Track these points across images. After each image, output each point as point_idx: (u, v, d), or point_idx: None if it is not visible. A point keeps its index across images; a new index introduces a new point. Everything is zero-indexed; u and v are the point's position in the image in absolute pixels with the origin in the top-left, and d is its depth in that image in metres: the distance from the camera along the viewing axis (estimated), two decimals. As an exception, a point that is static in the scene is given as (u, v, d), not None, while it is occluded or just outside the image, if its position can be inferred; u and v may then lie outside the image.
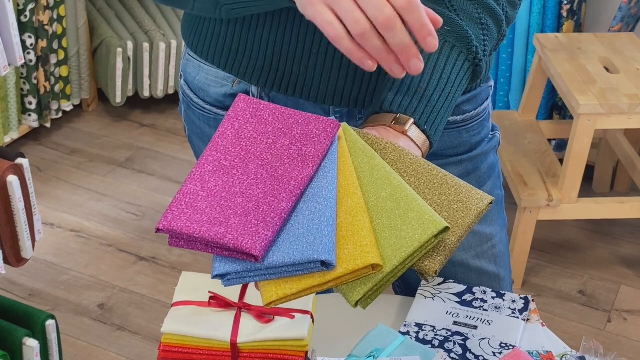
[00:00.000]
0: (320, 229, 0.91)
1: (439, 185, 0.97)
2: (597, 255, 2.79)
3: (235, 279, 0.90)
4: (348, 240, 0.92)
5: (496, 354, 1.19)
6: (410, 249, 0.91)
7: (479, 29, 1.13)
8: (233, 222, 0.90)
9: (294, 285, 0.90)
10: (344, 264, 0.90)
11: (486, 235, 1.38)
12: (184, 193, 0.94)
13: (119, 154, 3.20)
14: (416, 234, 0.91)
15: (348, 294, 0.91)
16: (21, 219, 1.81)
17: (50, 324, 1.87)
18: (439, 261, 0.92)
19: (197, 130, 1.39)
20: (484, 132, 1.37)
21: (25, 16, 2.92)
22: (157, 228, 0.92)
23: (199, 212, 0.91)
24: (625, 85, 2.49)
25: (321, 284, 0.90)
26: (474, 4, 1.13)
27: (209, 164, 0.97)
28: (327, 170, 0.97)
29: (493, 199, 0.97)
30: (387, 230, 0.93)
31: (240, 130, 1.01)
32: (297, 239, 0.91)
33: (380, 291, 0.92)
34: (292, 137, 1.00)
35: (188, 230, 0.90)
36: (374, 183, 0.97)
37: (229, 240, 0.89)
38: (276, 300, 0.90)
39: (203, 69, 1.31)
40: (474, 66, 1.12)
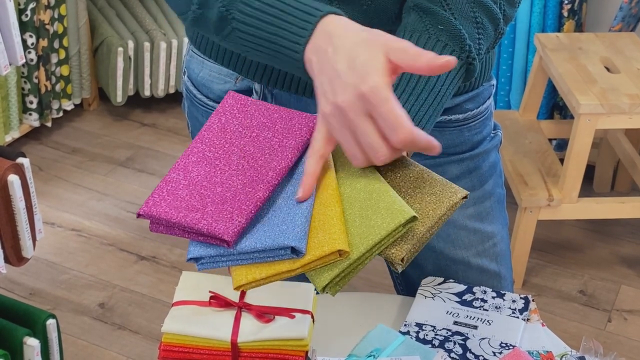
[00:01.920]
0: (294, 218, 0.95)
1: (414, 179, 0.99)
2: (597, 255, 2.79)
3: (209, 262, 0.95)
4: (319, 229, 0.95)
5: (496, 354, 1.19)
6: (377, 236, 0.93)
7: (474, 27, 1.13)
8: (210, 209, 0.95)
9: (263, 270, 0.94)
10: (312, 251, 0.93)
11: (487, 234, 1.38)
12: (166, 181, 0.98)
13: (120, 153, 3.20)
14: (384, 222, 0.94)
15: (316, 279, 0.94)
16: (22, 218, 1.81)
17: (50, 323, 1.87)
18: (405, 249, 0.94)
19: (200, 126, 1.39)
20: (485, 130, 1.37)
21: (26, 15, 2.92)
22: (137, 213, 0.95)
23: (178, 199, 0.96)
24: (625, 85, 2.49)
25: (290, 270, 0.94)
26: (469, 2, 1.13)
27: (194, 154, 1.01)
28: None
29: (467, 193, 0.99)
30: (358, 220, 0.96)
31: (227, 124, 1.04)
32: (271, 227, 0.94)
33: (349, 278, 0.95)
34: (275, 130, 1.03)
35: (166, 216, 0.94)
36: (351, 175, 1.00)
37: (203, 226, 0.93)
38: (245, 283, 0.94)
39: (206, 66, 1.32)
40: (467, 65, 1.12)
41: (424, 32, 1.10)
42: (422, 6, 1.12)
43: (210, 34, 1.13)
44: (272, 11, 1.03)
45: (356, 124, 0.94)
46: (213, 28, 1.11)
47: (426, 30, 1.11)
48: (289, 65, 1.04)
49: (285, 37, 1.02)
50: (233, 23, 1.07)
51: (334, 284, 0.94)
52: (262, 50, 1.06)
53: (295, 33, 1.02)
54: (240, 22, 1.06)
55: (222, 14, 1.07)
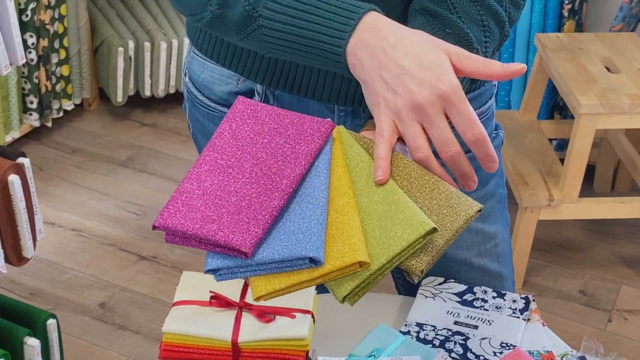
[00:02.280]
0: (310, 227, 0.94)
1: (430, 190, 0.99)
2: (597, 255, 2.79)
3: (227, 274, 0.94)
4: (337, 238, 0.94)
5: (497, 354, 1.19)
6: (398, 247, 0.93)
7: (481, 30, 1.13)
8: (225, 219, 0.94)
9: (282, 280, 0.93)
10: (332, 261, 0.93)
11: (489, 234, 1.38)
12: (180, 192, 0.97)
13: (120, 153, 3.20)
14: (405, 233, 0.94)
15: (336, 290, 0.94)
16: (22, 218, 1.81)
17: (51, 323, 1.87)
18: (425, 261, 0.94)
19: (201, 127, 1.39)
20: (487, 130, 1.37)
21: (26, 15, 2.92)
22: (153, 225, 0.95)
23: (193, 210, 0.95)
24: (626, 85, 2.49)
25: (309, 279, 0.93)
26: (476, 5, 1.13)
27: (206, 163, 1.00)
28: (320, 170, 1.00)
29: (482, 206, 1.00)
30: (377, 230, 0.95)
31: (237, 131, 1.03)
32: (287, 236, 0.94)
33: (368, 288, 0.95)
34: (287, 136, 1.02)
35: (182, 228, 0.93)
36: (368, 186, 1.00)
37: (220, 237, 0.92)
38: (265, 294, 0.93)
39: (208, 67, 1.32)
40: None
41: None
42: (429, 9, 1.13)
43: (228, 33, 1.13)
44: (306, 7, 1.04)
45: (434, 120, 0.98)
46: (234, 27, 1.11)
47: (434, 33, 1.11)
48: (324, 60, 1.06)
49: (324, 32, 1.04)
50: (259, 20, 1.07)
51: (353, 294, 0.94)
52: (291, 46, 1.07)
53: (335, 28, 1.03)
54: (268, 19, 1.07)
55: (248, 12, 1.08)
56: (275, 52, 1.10)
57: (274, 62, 1.24)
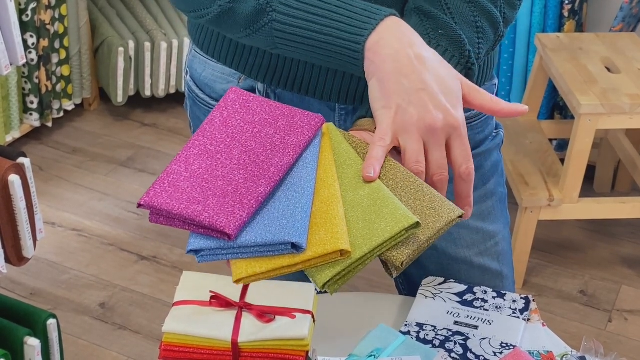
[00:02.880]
0: (294, 214, 0.95)
1: (415, 192, 1.00)
2: (598, 255, 2.79)
3: (209, 255, 0.95)
4: (320, 226, 0.95)
5: (497, 354, 1.19)
6: (381, 239, 0.95)
7: (474, 32, 1.13)
8: (211, 202, 0.95)
9: (263, 264, 0.94)
10: (314, 248, 0.94)
11: (489, 233, 1.38)
12: (167, 172, 0.98)
13: (121, 153, 3.20)
14: (388, 226, 0.95)
15: (316, 276, 0.95)
16: (22, 218, 1.82)
17: (51, 323, 1.87)
18: (406, 254, 0.96)
19: None
20: (487, 129, 1.37)
21: (26, 15, 2.92)
22: (138, 203, 0.96)
23: (179, 191, 0.96)
24: (626, 85, 2.49)
25: (290, 265, 0.94)
26: (470, 6, 1.13)
27: (195, 147, 1.01)
28: (307, 161, 1.02)
29: (463, 212, 1.01)
30: (361, 222, 0.97)
31: (228, 119, 1.05)
32: (271, 222, 0.95)
33: (348, 277, 0.96)
34: (277, 127, 1.04)
35: (167, 207, 0.94)
36: (355, 182, 1.01)
37: (204, 218, 0.93)
38: (245, 277, 0.94)
39: (209, 65, 1.32)
40: (466, 69, 1.12)
41: (424, 36, 1.11)
42: (423, 9, 1.13)
43: (234, 28, 1.13)
44: (326, 6, 1.06)
45: (439, 144, 1.02)
46: (244, 22, 1.11)
47: (427, 34, 1.11)
48: (338, 57, 1.06)
49: (343, 29, 1.05)
50: (272, 15, 1.08)
51: (333, 282, 0.95)
52: (305, 43, 1.08)
53: (356, 26, 1.04)
54: (283, 15, 1.07)
55: (261, 6, 1.08)
56: (284, 48, 1.11)
57: (276, 60, 1.24)
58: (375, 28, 1.04)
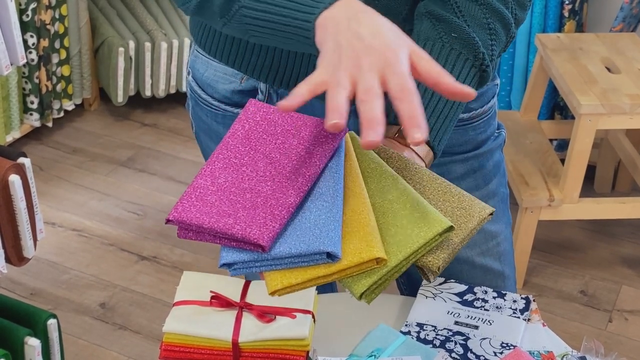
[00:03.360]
0: (326, 223, 0.93)
1: (443, 193, 0.99)
2: (598, 255, 2.79)
3: (242, 268, 0.93)
4: (353, 235, 0.94)
5: (497, 354, 1.19)
6: (415, 245, 0.93)
7: (487, 34, 1.13)
8: (241, 214, 0.93)
9: (299, 275, 0.92)
10: (349, 257, 0.92)
11: (491, 233, 1.38)
12: (194, 187, 0.96)
13: (121, 153, 3.20)
14: (421, 231, 0.94)
15: (353, 286, 0.93)
16: (23, 218, 1.81)
17: (51, 323, 1.87)
18: (442, 258, 0.95)
19: (205, 126, 1.39)
20: (490, 129, 1.37)
21: (27, 15, 2.92)
22: (167, 219, 0.94)
23: (208, 205, 0.94)
24: (626, 85, 2.49)
25: (326, 275, 0.92)
26: (482, 8, 1.13)
27: (219, 161, 1.00)
28: (334, 170, 1.00)
29: (494, 209, 1.00)
30: (393, 229, 0.95)
31: (250, 131, 1.03)
32: (304, 232, 0.93)
33: (384, 286, 0.94)
34: (300, 137, 1.02)
35: (197, 221, 0.93)
36: (381, 187, 1.00)
37: (237, 231, 0.91)
38: (280, 289, 0.92)
39: (211, 66, 1.32)
40: (480, 72, 1.12)
41: (437, 39, 1.10)
42: (435, 13, 1.12)
43: (214, 18, 1.13)
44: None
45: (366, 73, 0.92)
46: (219, 10, 1.11)
47: (439, 38, 1.10)
48: (295, 38, 1.04)
49: (298, 9, 1.02)
50: (241, 1, 1.07)
51: (370, 291, 0.93)
52: (268, 27, 1.06)
53: (309, 5, 1.01)
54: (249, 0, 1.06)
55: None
56: (255, 34, 1.10)
57: (278, 60, 1.24)
58: (327, 6, 1.01)
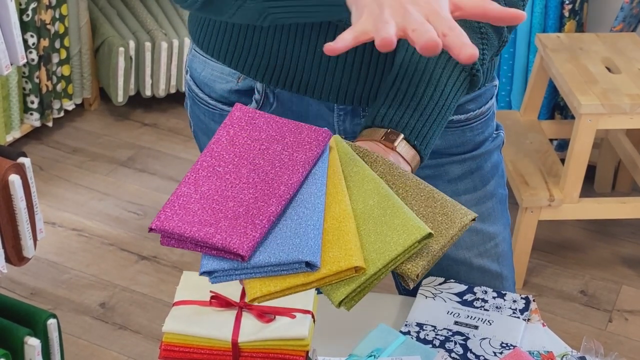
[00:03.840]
0: (306, 232, 0.94)
1: (426, 199, 0.99)
2: (598, 255, 2.79)
3: (222, 276, 0.94)
4: (333, 244, 0.95)
5: (497, 354, 1.19)
6: (394, 252, 0.94)
7: (478, 38, 1.13)
8: (223, 223, 0.94)
9: (278, 283, 0.93)
10: (328, 266, 0.93)
11: (489, 234, 1.38)
12: (177, 195, 0.97)
13: (121, 153, 3.20)
14: (400, 238, 0.94)
15: (332, 294, 0.94)
16: (23, 217, 1.81)
17: (51, 323, 1.87)
18: (421, 265, 0.95)
19: (202, 125, 1.39)
20: (487, 131, 1.37)
21: (27, 15, 2.92)
22: (150, 228, 0.95)
23: (190, 214, 0.95)
24: (626, 85, 2.49)
25: (305, 283, 0.93)
26: None
27: (203, 169, 1.00)
28: (317, 177, 1.01)
29: (476, 215, 1.00)
30: (373, 235, 0.96)
31: (235, 137, 1.04)
32: (284, 241, 0.94)
33: (364, 293, 0.95)
34: (285, 143, 1.03)
35: (179, 230, 0.94)
36: (363, 192, 1.00)
37: (217, 240, 0.93)
38: (260, 297, 0.94)
39: (209, 65, 1.32)
40: (471, 76, 1.12)
41: None
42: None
43: (226, 3, 1.12)
44: None
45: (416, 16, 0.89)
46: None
47: None
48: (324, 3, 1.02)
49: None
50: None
51: (349, 299, 0.94)
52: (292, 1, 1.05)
53: None
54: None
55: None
56: (275, 13, 1.09)
57: (275, 59, 1.24)
58: None
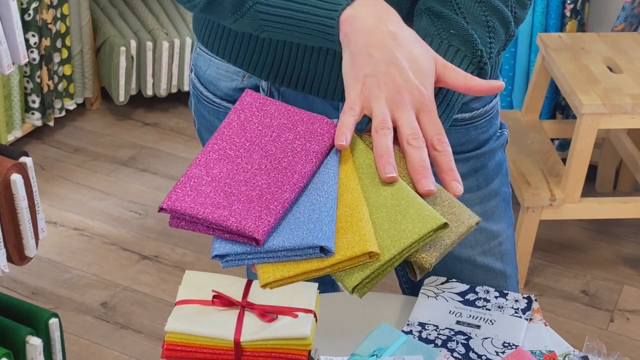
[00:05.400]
0: (320, 218, 0.94)
1: (434, 198, 1.00)
2: (599, 255, 2.79)
3: (235, 260, 0.93)
4: (347, 230, 0.94)
5: (499, 354, 1.19)
6: (409, 240, 0.93)
7: (485, 31, 1.13)
8: (236, 207, 0.93)
9: (291, 268, 0.93)
10: (342, 251, 0.92)
11: (493, 233, 1.38)
12: (188, 176, 0.96)
13: (122, 152, 3.20)
14: (415, 227, 0.94)
15: (345, 280, 0.93)
16: (24, 217, 1.82)
17: (53, 322, 1.87)
18: (434, 256, 0.95)
19: (207, 123, 1.39)
20: (491, 129, 1.37)
21: (28, 15, 2.92)
22: (160, 207, 0.93)
23: (202, 195, 0.94)
24: (628, 85, 2.48)
25: (318, 269, 0.92)
26: (481, 6, 1.13)
27: (214, 151, 0.99)
28: (329, 167, 1.00)
29: (480, 220, 1.00)
30: (387, 224, 0.95)
31: (246, 122, 1.03)
32: (298, 226, 0.93)
33: (377, 280, 0.95)
34: (297, 132, 1.02)
35: (192, 211, 0.92)
36: (376, 182, 1.00)
37: (231, 223, 0.91)
38: (273, 281, 0.93)
39: (214, 63, 1.32)
40: (478, 69, 1.12)
41: (435, 36, 1.11)
42: (434, 10, 1.13)
43: (223, 14, 1.13)
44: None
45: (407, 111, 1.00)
46: (231, 7, 1.11)
47: (438, 34, 1.11)
48: (316, 33, 1.06)
49: (319, 6, 1.05)
50: None
51: (362, 285, 0.93)
52: (286, 22, 1.08)
53: (331, 2, 1.04)
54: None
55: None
56: (269, 30, 1.11)
57: (280, 58, 1.24)
58: (350, 3, 1.04)
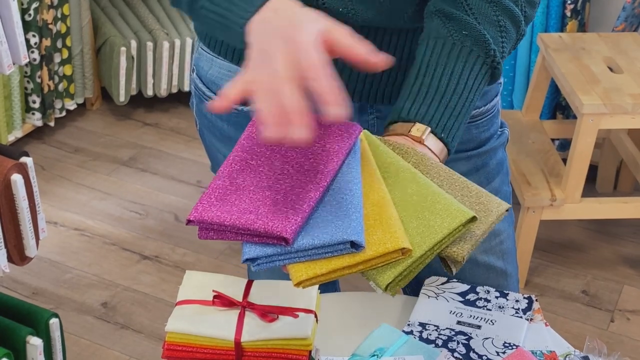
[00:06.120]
0: (348, 214, 0.93)
1: (461, 189, 1.00)
2: (600, 255, 2.79)
3: (265, 262, 0.93)
4: (376, 228, 0.94)
5: (500, 354, 1.19)
6: (440, 235, 0.93)
7: (497, 31, 1.13)
8: (262, 210, 0.93)
9: (323, 265, 0.92)
10: (374, 247, 0.92)
11: (494, 231, 1.38)
12: (212, 188, 0.97)
13: (123, 152, 3.20)
14: (445, 222, 0.94)
15: (378, 278, 0.93)
16: (25, 217, 1.81)
17: (53, 323, 1.87)
18: (466, 249, 0.95)
19: (209, 123, 1.39)
20: (493, 128, 1.37)
21: (29, 15, 2.92)
22: (187, 219, 0.94)
23: (228, 204, 0.94)
24: (628, 85, 2.48)
25: (351, 265, 0.92)
26: (492, 6, 1.14)
27: (236, 162, 1.00)
28: (351, 167, 1.00)
29: (510, 206, 1.00)
30: (415, 221, 0.95)
31: None
32: (326, 224, 0.93)
33: (409, 277, 0.94)
34: (316, 135, 1.02)
35: (219, 219, 0.93)
36: (400, 181, 1.00)
37: (259, 226, 0.91)
38: (306, 280, 0.92)
39: (216, 63, 1.32)
40: (492, 69, 1.13)
41: (448, 38, 1.11)
42: (445, 11, 1.13)
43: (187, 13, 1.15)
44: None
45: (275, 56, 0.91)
46: (186, 7, 1.12)
47: (450, 36, 1.11)
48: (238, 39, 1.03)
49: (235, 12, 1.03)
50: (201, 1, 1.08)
51: (395, 283, 0.93)
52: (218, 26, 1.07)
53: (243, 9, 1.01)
54: None
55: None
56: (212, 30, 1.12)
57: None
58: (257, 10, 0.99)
